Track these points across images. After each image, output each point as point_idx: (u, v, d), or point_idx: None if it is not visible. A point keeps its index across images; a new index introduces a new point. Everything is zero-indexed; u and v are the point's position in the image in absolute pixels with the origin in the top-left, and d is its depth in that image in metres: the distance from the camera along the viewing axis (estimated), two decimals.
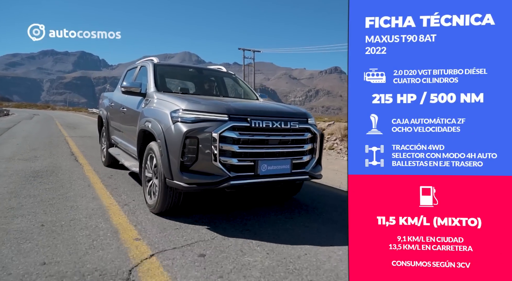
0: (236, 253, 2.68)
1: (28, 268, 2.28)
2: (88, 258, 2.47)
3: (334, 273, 2.42)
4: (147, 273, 2.30)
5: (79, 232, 2.98)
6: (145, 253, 2.60)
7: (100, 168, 6.02)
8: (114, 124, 5.66)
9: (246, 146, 3.27)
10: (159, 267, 2.37)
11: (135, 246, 2.71)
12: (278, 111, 3.72)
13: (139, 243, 2.78)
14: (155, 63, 4.78)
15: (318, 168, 3.93)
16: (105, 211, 3.61)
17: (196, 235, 3.03)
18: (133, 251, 2.62)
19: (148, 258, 2.52)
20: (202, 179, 3.16)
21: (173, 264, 2.43)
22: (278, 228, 3.36)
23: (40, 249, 2.61)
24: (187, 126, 3.16)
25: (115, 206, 3.81)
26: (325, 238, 3.12)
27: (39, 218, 3.32)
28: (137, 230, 3.08)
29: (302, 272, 2.42)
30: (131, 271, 2.32)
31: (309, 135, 3.72)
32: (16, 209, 3.58)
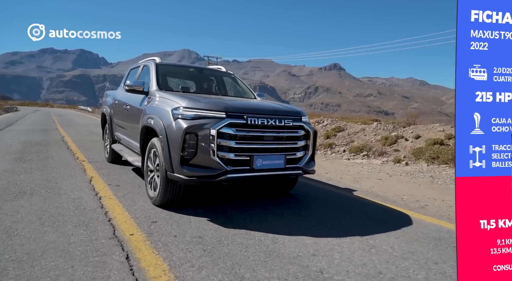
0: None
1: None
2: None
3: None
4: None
5: (53, 147, 4.94)
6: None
7: (62, 125, 14.43)
8: (117, 121, 5.87)
9: (243, 142, 3.48)
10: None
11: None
12: (273, 110, 3.94)
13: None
14: (157, 63, 5.00)
15: (311, 164, 4.13)
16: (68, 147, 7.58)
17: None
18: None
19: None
20: (201, 172, 3.38)
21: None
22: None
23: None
24: (187, 123, 3.38)
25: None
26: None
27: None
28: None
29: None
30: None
31: (303, 132, 3.93)
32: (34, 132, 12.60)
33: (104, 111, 6.83)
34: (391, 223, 3.67)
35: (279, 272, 2.36)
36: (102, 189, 4.37)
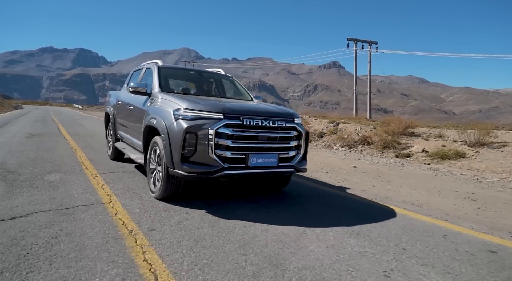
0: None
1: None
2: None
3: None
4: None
5: (49, 121, 13.09)
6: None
7: (55, 115, 26.43)
8: (121, 121, 6.15)
9: (239, 141, 3.76)
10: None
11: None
12: (267, 111, 4.19)
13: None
14: (159, 65, 5.29)
15: (303, 163, 4.40)
16: (54, 121, 18.44)
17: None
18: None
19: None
20: (200, 168, 3.66)
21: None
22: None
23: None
24: (188, 123, 3.67)
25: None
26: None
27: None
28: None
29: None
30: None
31: (295, 133, 4.20)
32: (38, 116, 25.10)
33: (107, 110, 7.07)
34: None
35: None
36: (66, 135, 7.91)
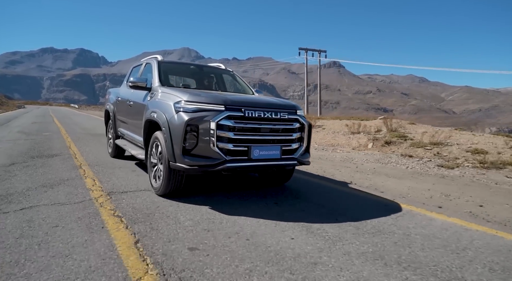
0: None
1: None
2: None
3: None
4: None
5: (48, 117, 22.61)
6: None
7: (53, 113, 33.11)
8: (121, 117, 6.09)
9: (241, 133, 3.69)
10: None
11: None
12: (269, 103, 4.14)
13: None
14: (159, 60, 5.22)
15: (306, 155, 4.32)
16: (51, 116, 24.14)
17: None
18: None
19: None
20: (202, 161, 3.60)
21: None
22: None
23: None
24: (189, 115, 3.60)
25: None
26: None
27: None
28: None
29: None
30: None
31: (298, 125, 4.13)
32: (39, 114, 29.81)
33: (107, 108, 7.01)
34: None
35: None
36: (57, 123, 12.42)
